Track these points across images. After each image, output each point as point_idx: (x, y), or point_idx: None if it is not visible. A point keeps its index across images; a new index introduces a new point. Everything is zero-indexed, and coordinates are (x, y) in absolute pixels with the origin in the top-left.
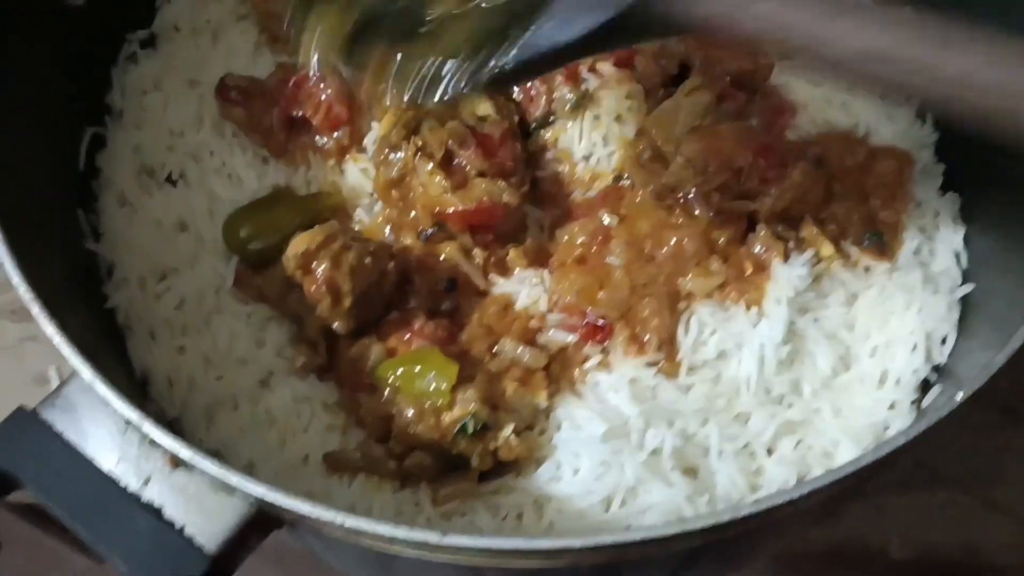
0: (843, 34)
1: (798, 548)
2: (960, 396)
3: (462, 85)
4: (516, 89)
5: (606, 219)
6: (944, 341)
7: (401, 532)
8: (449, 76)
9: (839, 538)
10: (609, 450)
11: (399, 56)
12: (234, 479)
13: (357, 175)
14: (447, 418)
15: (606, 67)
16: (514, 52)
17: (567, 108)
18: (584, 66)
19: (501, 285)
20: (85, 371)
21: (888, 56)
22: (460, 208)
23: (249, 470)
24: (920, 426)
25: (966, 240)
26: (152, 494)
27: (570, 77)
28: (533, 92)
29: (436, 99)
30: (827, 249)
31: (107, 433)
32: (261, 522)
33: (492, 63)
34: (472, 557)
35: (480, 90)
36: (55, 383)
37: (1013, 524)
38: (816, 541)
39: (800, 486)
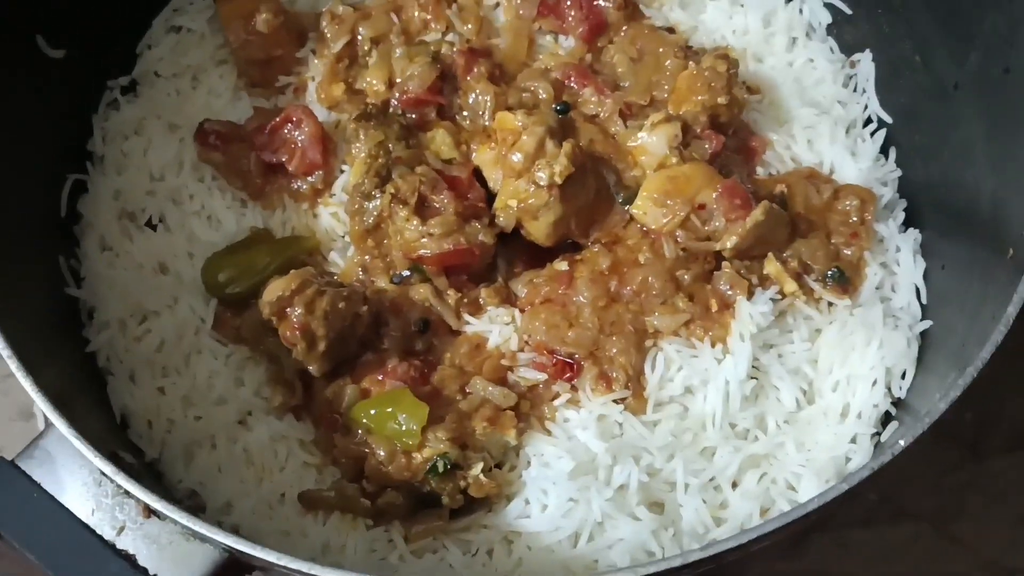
0: None
1: None
2: (903, 443)
3: None
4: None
5: (562, 266)
6: (904, 376)
7: None
8: None
9: (804, 571)
10: (577, 487)
11: None
12: (203, 529)
13: (329, 219)
14: (418, 458)
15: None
16: None
17: None
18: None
19: (474, 325)
20: (61, 424)
21: None
22: (438, 251)
23: (227, 509)
24: (863, 472)
25: (926, 276)
26: (126, 542)
27: None
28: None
29: None
30: (790, 286)
31: (83, 483)
32: (232, 568)
33: None
34: None
35: None
36: (40, 418)
37: (974, 560)
38: (783, 574)
39: (746, 532)
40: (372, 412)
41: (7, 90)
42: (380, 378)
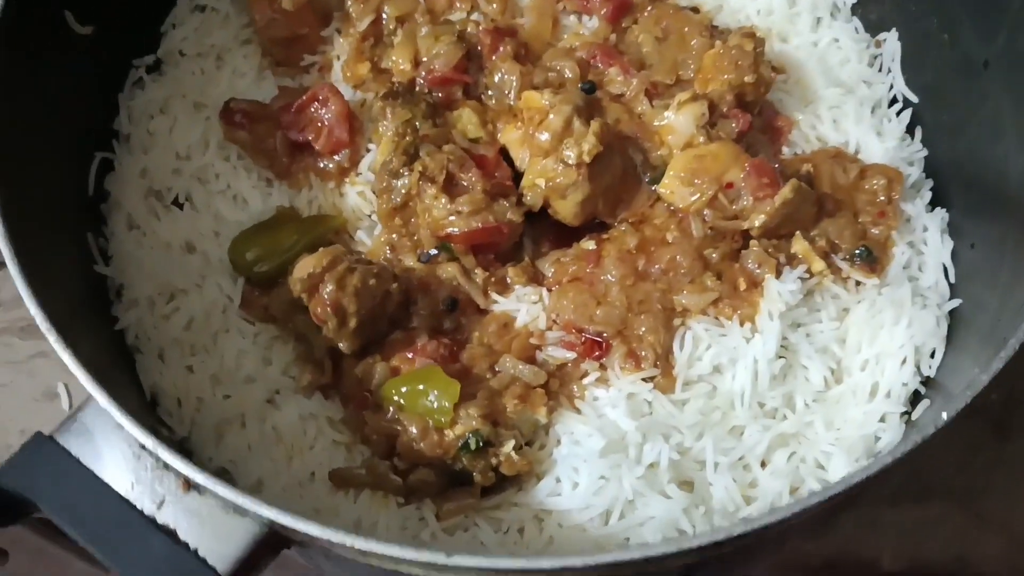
0: None
1: (793, 561)
2: (945, 416)
3: None
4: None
5: (589, 245)
6: (933, 355)
7: (409, 553)
8: None
9: (833, 551)
10: (607, 464)
11: None
12: (246, 502)
13: (356, 198)
14: (450, 435)
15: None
16: None
17: None
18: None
19: (501, 303)
20: (101, 397)
21: None
22: (466, 229)
23: (258, 487)
24: (906, 445)
25: (953, 255)
26: (167, 516)
27: None
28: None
29: None
30: (818, 264)
31: (122, 457)
32: (272, 542)
33: None
34: (476, 575)
35: None
36: (64, 398)
37: (1003, 537)
38: (811, 554)
39: (792, 505)
40: (403, 389)
41: (37, 67)
42: (410, 356)
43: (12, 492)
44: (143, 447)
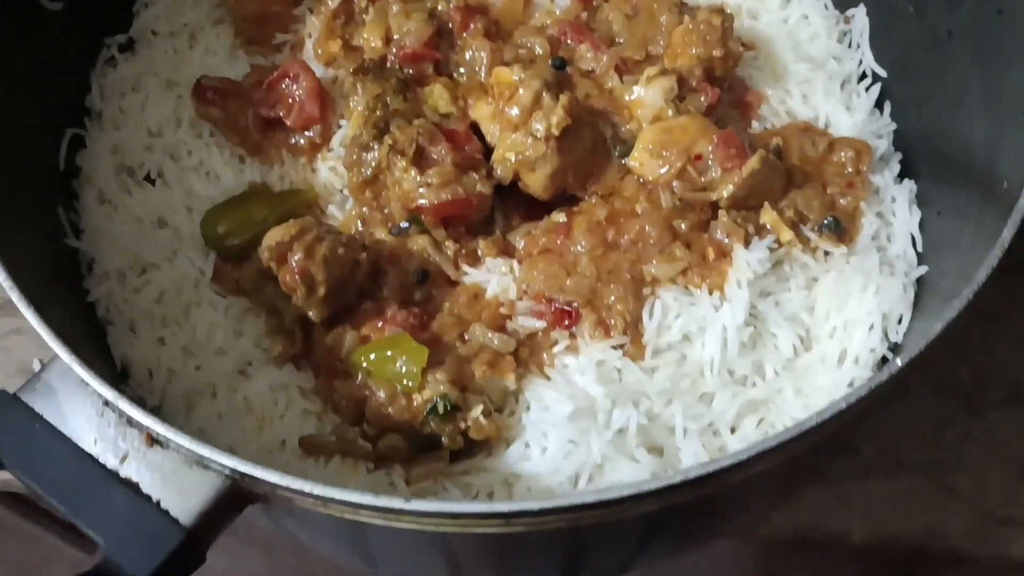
0: None
1: (763, 533)
2: (899, 362)
3: None
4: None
5: (560, 218)
6: (900, 320)
7: (367, 499)
8: None
9: (802, 524)
10: (576, 429)
11: None
12: (206, 452)
13: (327, 173)
14: (418, 400)
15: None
16: None
17: None
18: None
19: (472, 275)
20: (64, 354)
21: None
22: (436, 201)
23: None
24: (861, 391)
25: (921, 224)
26: (129, 471)
27: None
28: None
29: None
30: (786, 234)
31: (85, 415)
32: (235, 496)
33: None
34: (437, 522)
35: None
36: None
37: (972, 511)
38: (780, 526)
39: (748, 449)
40: (372, 356)
41: (6, 43)
42: (380, 325)
43: None
44: (106, 403)
